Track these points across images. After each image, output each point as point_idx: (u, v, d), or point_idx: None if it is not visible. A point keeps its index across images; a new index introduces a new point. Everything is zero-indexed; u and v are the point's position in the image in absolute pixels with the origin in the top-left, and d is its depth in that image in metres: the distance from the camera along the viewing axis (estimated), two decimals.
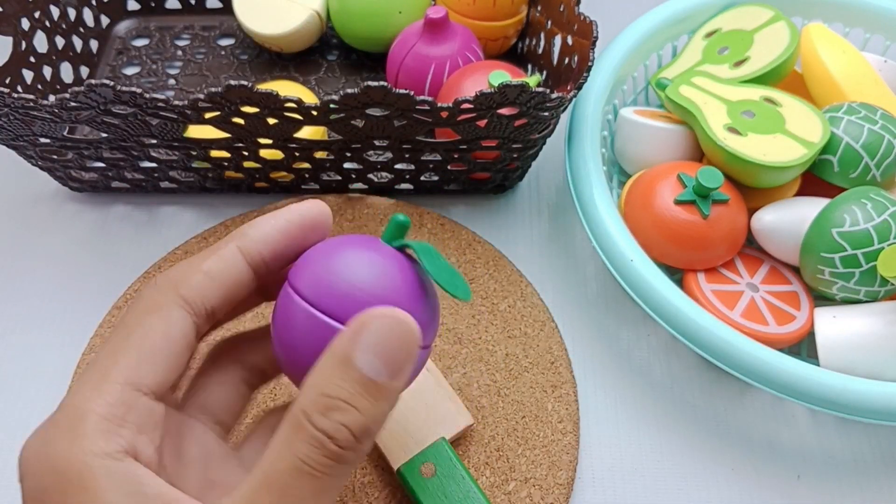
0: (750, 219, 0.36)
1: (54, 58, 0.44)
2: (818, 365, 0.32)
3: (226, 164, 0.38)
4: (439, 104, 0.32)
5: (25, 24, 0.42)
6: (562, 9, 0.39)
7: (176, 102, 0.32)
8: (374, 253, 0.22)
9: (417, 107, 0.32)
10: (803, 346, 0.36)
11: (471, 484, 0.30)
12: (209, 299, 0.21)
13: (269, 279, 0.24)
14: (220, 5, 0.51)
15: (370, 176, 0.40)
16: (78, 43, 0.46)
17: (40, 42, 0.43)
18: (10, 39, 0.41)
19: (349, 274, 0.21)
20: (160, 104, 0.32)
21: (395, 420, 0.31)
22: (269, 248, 0.23)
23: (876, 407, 0.30)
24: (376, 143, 0.36)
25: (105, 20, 0.49)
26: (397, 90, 0.31)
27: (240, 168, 0.39)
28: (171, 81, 0.47)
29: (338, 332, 0.19)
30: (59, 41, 0.45)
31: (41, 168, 0.40)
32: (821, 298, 0.36)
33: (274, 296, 0.24)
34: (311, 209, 0.23)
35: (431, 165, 0.39)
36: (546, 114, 0.33)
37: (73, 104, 0.32)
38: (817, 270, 0.33)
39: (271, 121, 0.34)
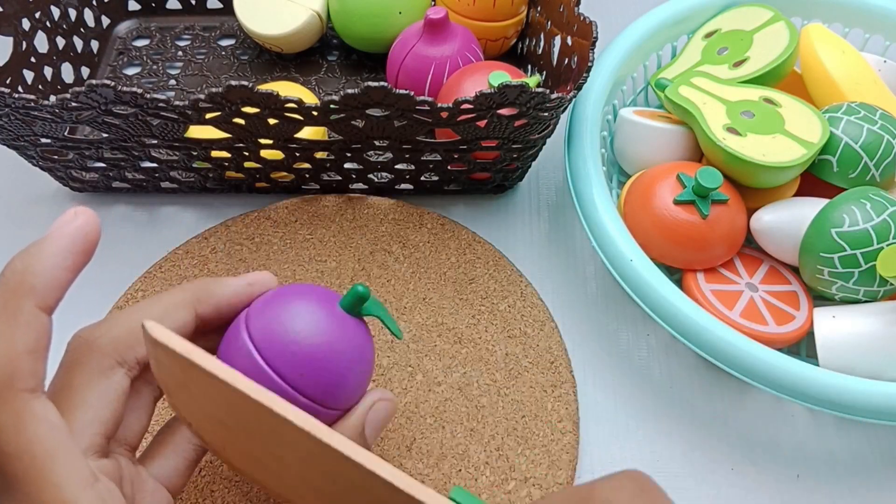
0: (749, 219, 0.36)
1: (55, 58, 0.44)
2: (817, 365, 0.32)
3: (226, 164, 0.38)
4: (439, 104, 0.32)
5: (26, 24, 0.42)
6: (561, 9, 0.39)
7: (177, 103, 0.32)
8: (329, 317, 0.25)
9: (417, 107, 0.32)
10: (802, 346, 0.36)
11: None
12: (138, 360, 0.23)
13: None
14: (220, 6, 0.51)
15: (370, 176, 0.41)
16: (79, 43, 0.46)
17: (41, 42, 0.43)
18: (10, 40, 0.41)
19: (300, 334, 0.24)
20: (161, 104, 0.32)
21: None
22: (213, 312, 0.25)
23: (875, 406, 0.30)
24: (376, 143, 0.36)
25: (106, 20, 0.50)
26: (397, 90, 0.31)
27: (240, 168, 0.39)
28: (172, 82, 0.48)
29: (272, 380, 0.23)
30: (60, 41, 0.45)
31: (42, 168, 0.40)
32: (820, 298, 0.36)
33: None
34: (258, 280, 0.26)
35: (431, 165, 0.39)
36: (546, 114, 0.33)
37: (73, 104, 0.32)
38: (816, 270, 0.33)
39: (272, 121, 0.34)
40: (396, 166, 0.39)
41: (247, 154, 0.37)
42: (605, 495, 0.19)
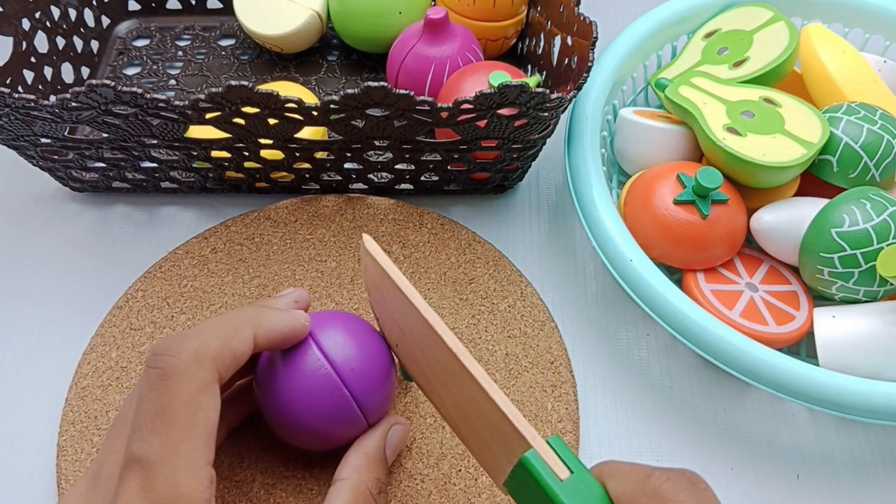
0: (749, 219, 0.36)
1: (55, 58, 0.44)
2: (817, 364, 0.32)
3: (226, 164, 0.38)
4: (439, 104, 0.32)
5: (26, 24, 0.42)
6: (561, 9, 0.39)
7: (177, 103, 0.32)
8: (381, 342, 0.30)
9: (417, 107, 0.32)
10: (802, 346, 0.36)
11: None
12: (228, 376, 0.24)
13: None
14: (220, 6, 0.51)
15: (370, 176, 0.41)
16: (79, 43, 0.46)
17: (41, 42, 0.43)
18: (10, 40, 0.41)
19: (366, 354, 0.28)
20: (161, 104, 0.32)
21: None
22: (269, 341, 0.26)
23: (875, 406, 0.30)
24: (376, 143, 0.36)
25: (106, 20, 0.50)
26: (397, 90, 0.31)
27: (240, 168, 0.39)
28: (172, 82, 0.48)
29: (343, 394, 0.27)
30: (60, 41, 0.45)
31: (42, 168, 0.40)
32: (820, 298, 0.36)
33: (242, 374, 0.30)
34: (305, 327, 0.28)
35: (431, 165, 0.39)
36: (546, 114, 0.33)
37: (73, 104, 0.32)
38: (816, 270, 0.33)
39: (272, 121, 0.34)
40: (396, 166, 0.39)
41: (247, 154, 0.37)
42: (660, 481, 0.20)
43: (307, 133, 0.36)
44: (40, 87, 0.43)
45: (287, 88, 0.41)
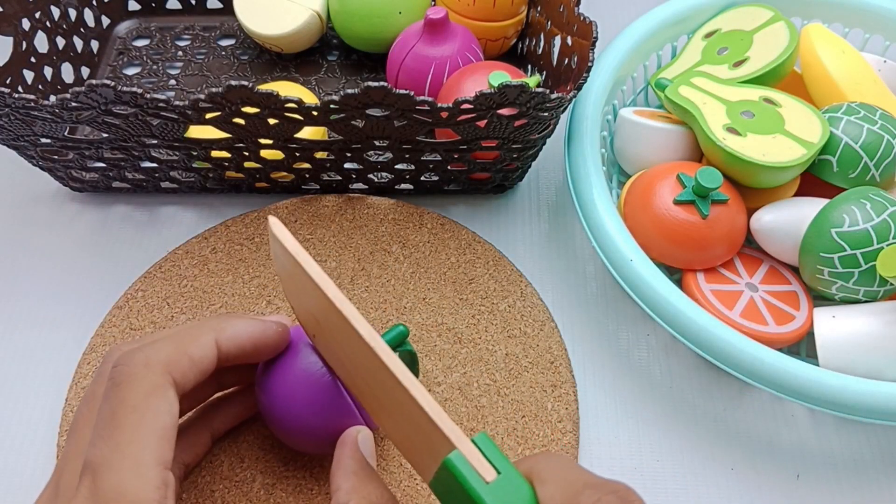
0: (749, 219, 0.36)
1: (55, 58, 0.44)
2: (817, 364, 0.32)
3: (226, 164, 0.38)
4: (439, 104, 0.32)
5: (26, 24, 0.42)
6: (561, 9, 0.39)
7: (177, 103, 0.32)
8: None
9: (417, 107, 0.32)
10: (802, 346, 0.36)
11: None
12: (189, 382, 0.24)
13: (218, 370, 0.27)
14: (220, 6, 0.51)
15: (370, 176, 0.41)
16: (79, 43, 0.46)
17: (41, 42, 0.43)
18: (10, 40, 0.41)
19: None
20: (161, 104, 0.32)
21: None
22: (238, 348, 0.26)
23: (875, 406, 0.30)
24: (376, 143, 0.36)
25: (106, 20, 0.50)
26: (397, 90, 0.31)
27: (240, 168, 0.39)
28: (172, 82, 0.48)
29: (342, 396, 0.27)
30: (60, 41, 0.45)
31: (42, 168, 0.40)
32: (820, 298, 0.36)
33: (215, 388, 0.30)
34: (278, 333, 0.27)
35: (431, 166, 0.39)
36: (546, 114, 0.33)
37: (73, 104, 0.32)
38: (816, 270, 0.33)
39: (272, 121, 0.34)
40: (396, 166, 0.39)
41: (247, 154, 0.37)
42: (590, 501, 0.19)
43: (307, 133, 0.36)
44: (40, 87, 0.43)
45: (287, 88, 0.41)
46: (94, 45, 0.48)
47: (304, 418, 0.27)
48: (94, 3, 0.48)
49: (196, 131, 0.36)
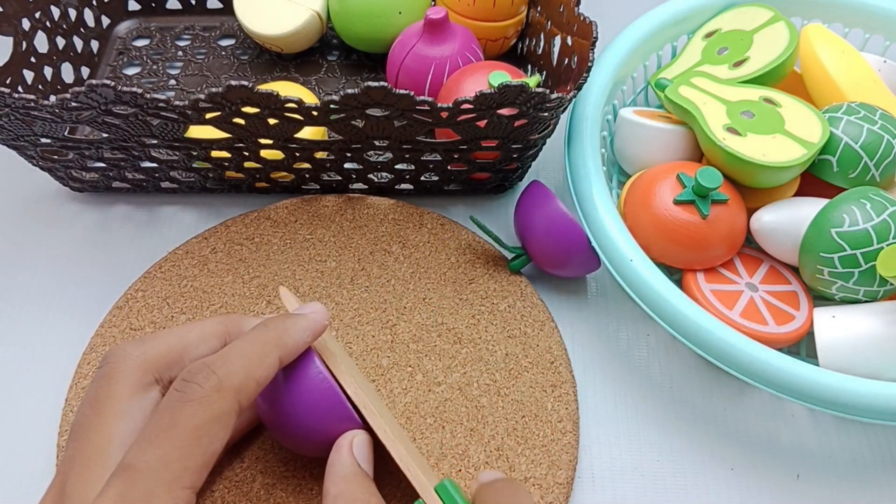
0: (749, 219, 0.36)
1: (55, 58, 0.44)
2: (817, 364, 0.32)
3: (226, 164, 0.38)
4: (439, 104, 0.32)
5: (26, 24, 0.42)
6: (561, 9, 0.39)
7: (177, 103, 0.32)
8: None
9: (417, 107, 0.32)
10: (802, 346, 0.36)
11: None
12: (249, 403, 0.24)
13: None
14: (220, 6, 0.51)
15: (370, 176, 0.41)
16: (79, 43, 0.46)
17: (41, 42, 0.43)
18: (10, 40, 0.41)
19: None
20: (161, 104, 0.32)
21: None
22: (294, 356, 0.26)
23: (875, 406, 0.30)
24: (376, 143, 0.36)
25: (106, 20, 0.50)
26: (397, 90, 0.31)
27: (240, 168, 0.39)
28: (172, 82, 0.48)
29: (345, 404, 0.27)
30: (60, 41, 0.45)
31: (42, 168, 0.40)
32: (820, 298, 0.36)
33: None
34: (324, 324, 0.28)
35: (431, 166, 0.39)
36: (546, 114, 0.33)
37: (73, 104, 0.32)
38: (816, 270, 0.33)
39: (272, 121, 0.34)
40: (396, 166, 0.39)
41: (247, 154, 0.37)
42: None
43: (307, 133, 0.36)
44: (40, 87, 0.43)
45: (287, 88, 0.41)
46: (94, 45, 0.48)
47: (304, 424, 0.27)
48: (94, 3, 0.48)
49: (196, 131, 0.36)
